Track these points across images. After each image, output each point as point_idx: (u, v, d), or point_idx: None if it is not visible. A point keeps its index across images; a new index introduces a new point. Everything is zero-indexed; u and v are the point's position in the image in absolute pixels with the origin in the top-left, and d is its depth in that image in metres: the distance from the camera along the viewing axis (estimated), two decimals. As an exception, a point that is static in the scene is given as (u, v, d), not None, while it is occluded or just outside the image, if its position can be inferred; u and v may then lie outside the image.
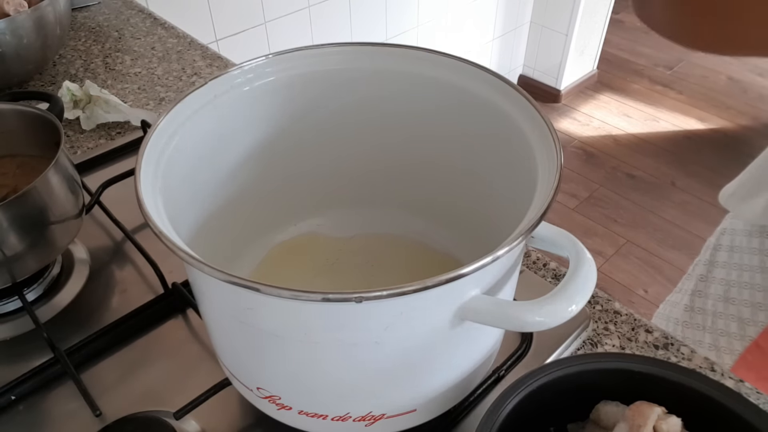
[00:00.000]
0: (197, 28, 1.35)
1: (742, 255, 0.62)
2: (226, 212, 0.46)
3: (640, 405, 0.35)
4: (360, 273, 0.51)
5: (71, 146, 0.72)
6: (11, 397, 0.45)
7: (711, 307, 0.66)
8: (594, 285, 0.32)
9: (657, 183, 2.15)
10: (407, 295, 0.28)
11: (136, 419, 0.43)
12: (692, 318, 0.69)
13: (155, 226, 0.31)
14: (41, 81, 0.84)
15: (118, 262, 0.57)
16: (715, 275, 0.66)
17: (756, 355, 0.61)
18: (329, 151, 0.50)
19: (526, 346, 0.48)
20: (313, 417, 0.37)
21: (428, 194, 0.51)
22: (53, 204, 0.48)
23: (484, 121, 0.43)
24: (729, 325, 0.63)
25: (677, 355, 0.49)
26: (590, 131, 2.40)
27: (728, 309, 0.63)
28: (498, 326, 0.32)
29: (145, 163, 0.36)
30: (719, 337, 0.65)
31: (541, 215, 0.31)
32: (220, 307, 0.35)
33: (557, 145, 0.35)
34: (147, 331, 0.50)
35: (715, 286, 0.66)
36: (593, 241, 1.95)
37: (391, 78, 0.45)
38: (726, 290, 0.64)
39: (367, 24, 1.77)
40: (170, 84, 0.83)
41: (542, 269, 0.56)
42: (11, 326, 0.51)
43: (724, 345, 0.64)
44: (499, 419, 0.34)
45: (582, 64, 2.50)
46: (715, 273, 0.66)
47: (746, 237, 0.61)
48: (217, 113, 0.42)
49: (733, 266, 0.63)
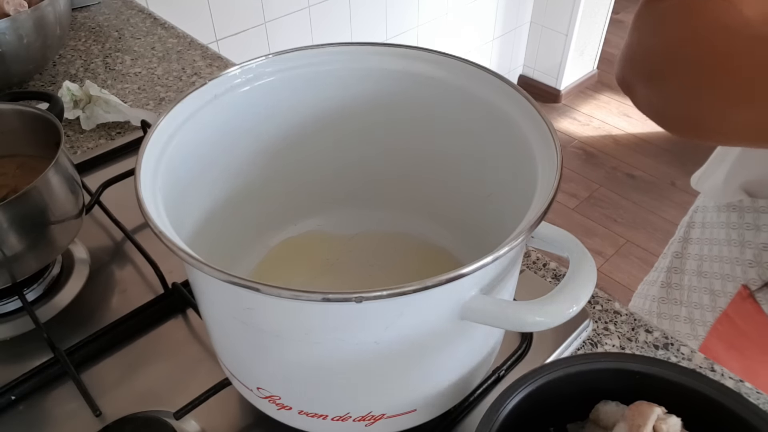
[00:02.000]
0: (197, 28, 1.35)
1: (712, 230, 0.64)
2: (226, 212, 0.46)
3: (639, 405, 0.35)
4: (360, 273, 0.51)
5: (71, 146, 0.72)
6: (11, 397, 0.45)
7: (687, 282, 0.68)
8: (594, 285, 0.32)
9: (657, 183, 2.15)
10: (407, 295, 0.28)
11: (136, 419, 0.43)
12: (669, 294, 0.71)
13: (155, 226, 0.31)
14: (41, 81, 0.84)
15: (118, 262, 0.57)
16: (690, 251, 0.68)
17: (726, 325, 0.63)
18: (329, 151, 0.50)
19: (526, 346, 0.48)
20: (313, 417, 0.37)
21: (428, 194, 0.51)
22: (53, 204, 0.48)
23: (484, 121, 0.43)
24: (702, 297, 0.65)
25: (677, 355, 0.49)
26: (590, 131, 2.40)
27: (701, 282, 0.65)
28: (498, 326, 0.32)
29: (145, 163, 0.36)
30: (693, 310, 0.67)
31: (541, 215, 0.31)
32: (220, 307, 0.35)
33: (557, 145, 0.35)
34: (147, 331, 0.50)
35: (690, 261, 0.68)
36: (593, 241, 1.95)
37: (391, 78, 0.45)
38: (699, 265, 0.66)
39: (367, 24, 1.77)
40: (170, 84, 0.83)
41: (542, 269, 0.56)
42: (11, 326, 0.51)
43: (698, 317, 0.66)
44: (499, 419, 0.34)
45: (582, 64, 2.50)
46: (690, 249, 0.68)
47: (716, 212, 0.63)
48: (217, 113, 0.42)
49: (704, 241, 0.65)
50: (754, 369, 0.61)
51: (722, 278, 0.62)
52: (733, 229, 0.60)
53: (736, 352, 0.62)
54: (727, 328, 0.62)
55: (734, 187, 0.59)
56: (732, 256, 0.60)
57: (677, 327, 0.69)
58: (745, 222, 0.59)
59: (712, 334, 0.64)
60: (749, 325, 0.60)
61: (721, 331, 0.63)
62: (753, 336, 0.60)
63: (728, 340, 0.63)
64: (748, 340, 0.61)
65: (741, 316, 0.60)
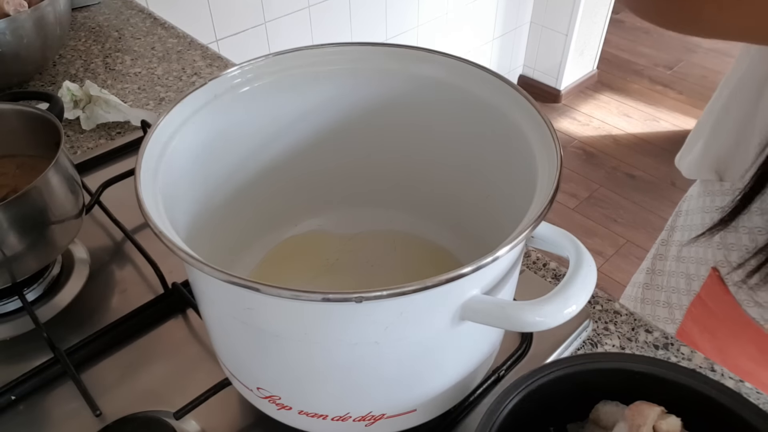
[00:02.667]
0: (197, 28, 1.35)
1: (694, 216, 0.65)
2: (226, 212, 0.46)
3: (639, 405, 0.35)
4: (360, 273, 0.51)
5: (71, 146, 0.72)
6: (11, 397, 0.45)
7: (668, 267, 0.69)
8: (594, 285, 0.32)
9: (657, 183, 2.15)
10: (407, 295, 0.28)
11: (136, 419, 0.43)
12: (653, 280, 0.72)
13: (155, 226, 0.31)
14: (41, 81, 0.84)
15: (118, 262, 0.57)
16: (674, 239, 0.69)
17: (699, 307, 0.64)
18: (329, 151, 0.50)
19: (526, 346, 0.48)
20: (313, 417, 0.37)
21: (428, 194, 0.51)
22: (53, 204, 0.48)
23: (484, 121, 0.43)
24: (679, 281, 0.67)
25: (677, 355, 0.49)
26: (590, 131, 2.40)
27: (679, 267, 0.67)
28: (498, 326, 0.32)
29: (145, 163, 0.36)
30: (671, 294, 0.68)
31: (541, 215, 0.31)
32: (220, 307, 0.35)
33: (557, 145, 0.35)
34: (147, 331, 0.50)
35: (672, 248, 0.69)
36: (593, 241, 1.95)
37: (391, 78, 0.45)
38: (679, 251, 0.67)
39: (367, 24, 1.77)
40: (170, 84, 0.83)
41: (542, 269, 0.56)
42: (11, 326, 0.51)
43: (675, 301, 0.67)
44: (499, 419, 0.34)
45: (582, 64, 2.50)
46: (674, 237, 0.69)
47: (697, 198, 0.65)
48: (217, 113, 0.42)
49: (686, 228, 0.67)
50: (725, 350, 0.62)
51: (696, 262, 0.64)
52: (706, 213, 0.62)
53: (708, 334, 0.63)
54: (700, 311, 0.64)
55: (708, 163, 0.60)
56: (707, 241, 0.61)
57: (657, 312, 0.70)
58: (715, 206, 0.60)
59: (687, 317, 0.66)
60: (719, 307, 0.61)
61: (695, 313, 0.64)
62: (721, 317, 0.61)
63: (702, 322, 0.64)
64: (718, 321, 0.62)
65: (711, 298, 0.62)
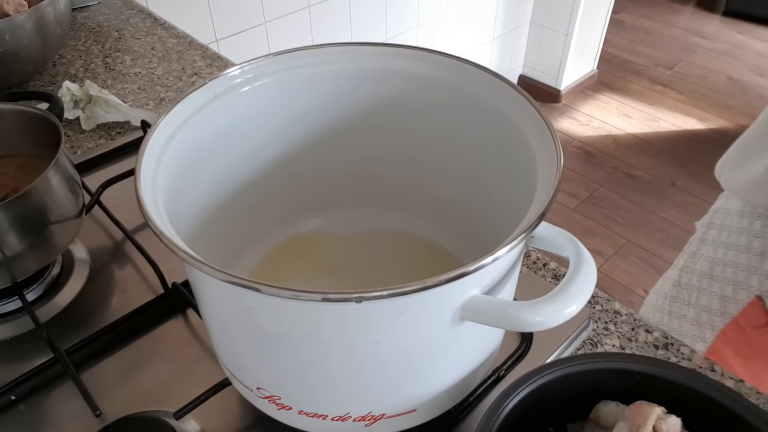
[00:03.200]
0: (197, 28, 1.35)
1: (730, 234, 0.63)
2: (226, 212, 0.46)
3: (639, 405, 0.35)
4: (360, 273, 0.51)
5: (71, 146, 0.72)
6: (11, 397, 0.45)
7: (696, 282, 0.67)
8: (594, 285, 0.32)
9: (657, 183, 2.15)
10: (407, 295, 0.28)
11: (136, 419, 0.43)
12: (679, 293, 0.70)
13: (155, 226, 0.31)
14: (41, 81, 0.84)
15: (118, 262, 0.57)
16: (703, 252, 0.67)
17: (735, 332, 0.62)
18: (329, 151, 0.50)
19: (526, 346, 0.48)
20: (313, 417, 0.37)
21: (428, 194, 0.51)
22: (53, 204, 0.48)
23: (484, 120, 0.43)
24: (711, 301, 0.65)
25: (677, 355, 0.49)
26: (590, 131, 2.40)
27: (712, 286, 0.65)
28: (498, 326, 0.32)
29: (145, 163, 0.36)
30: (701, 313, 0.66)
31: (541, 215, 0.31)
32: (220, 307, 0.35)
33: (557, 145, 0.35)
34: (147, 331, 0.50)
35: (701, 262, 0.67)
36: (593, 241, 1.95)
37: (391, 78, 0.45)
38: (711, 267, 0.65)
39: (367, 24, 1.77)
40: (170, 84, 0.83)
41: (542, 269, 0.56)
42: (11, 326, 0.51)
43: (705, 320, 0.66)
44: (499, 419, 0.34)
45: (582, 64, 2.50)
46: (703, 250, 0.67)
47: (738, 217, 0.62)
48: (217, 113, 0.42)
49: (720, 244, 0.64)
50: (759, 377, 0.61)
51: (734, 285, 0.61)
52: (755, 237, 0.58)
53: (742, 359, 0.62)
54: (736, 335, 0.62)
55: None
56: (750, 265, 0.59)
57: (685, 327, 0.69)
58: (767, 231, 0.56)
59: (720, 339, 0.64)
60: (759, 337, 0.59)
61: (730, 337, 0.63)
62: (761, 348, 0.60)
63: (736, 347, 0.62)
64: (755, 351, 0.60)
65: (751, 325, 0.60)
